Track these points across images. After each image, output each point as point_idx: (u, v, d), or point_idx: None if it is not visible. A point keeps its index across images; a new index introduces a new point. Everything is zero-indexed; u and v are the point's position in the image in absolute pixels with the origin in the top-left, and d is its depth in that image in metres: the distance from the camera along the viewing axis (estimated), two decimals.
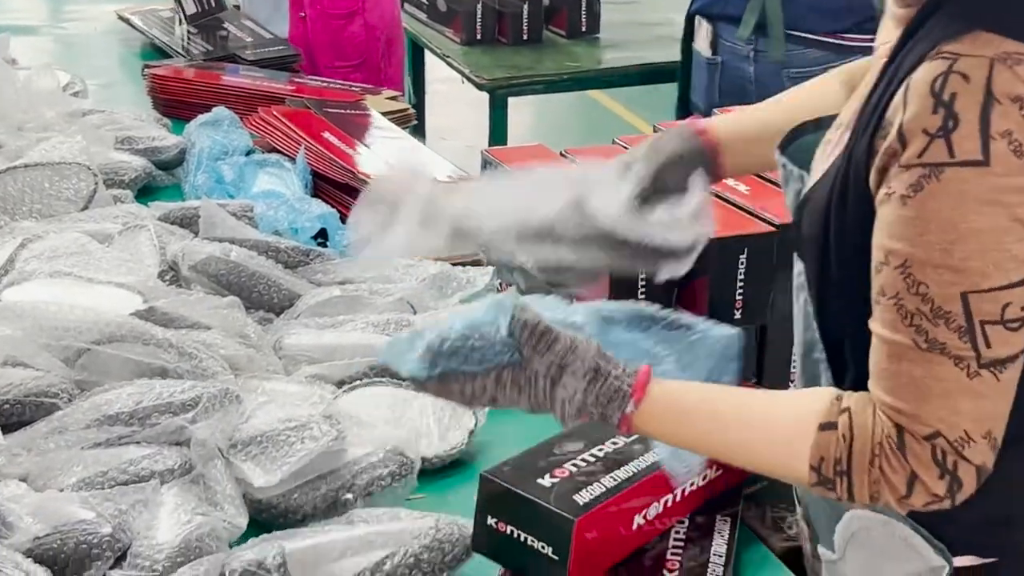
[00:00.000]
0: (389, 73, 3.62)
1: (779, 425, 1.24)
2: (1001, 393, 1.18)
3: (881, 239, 1.18)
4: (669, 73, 4.42)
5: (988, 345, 1.15)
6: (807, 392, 1.29)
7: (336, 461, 1.56)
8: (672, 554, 1.45)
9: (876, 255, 1.19)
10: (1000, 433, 1.19)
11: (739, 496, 1.59)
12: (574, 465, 1.43)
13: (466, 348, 1.28)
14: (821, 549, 1.43)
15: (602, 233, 1.46)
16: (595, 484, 1.40)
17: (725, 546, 1.47)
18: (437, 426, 1.72)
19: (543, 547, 1.35)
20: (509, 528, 1.37)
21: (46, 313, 1.71)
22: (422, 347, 1.29)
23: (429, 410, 1.74)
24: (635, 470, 1.44)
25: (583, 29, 4.41)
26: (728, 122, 1.57)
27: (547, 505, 1.35)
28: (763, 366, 1.84)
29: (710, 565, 1.43)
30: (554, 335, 1.28)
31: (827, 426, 1.21)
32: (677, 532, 1.49)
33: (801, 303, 1.35)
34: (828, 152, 1.33)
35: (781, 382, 1.81)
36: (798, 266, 1.36)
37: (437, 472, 1.68)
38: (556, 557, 1.34)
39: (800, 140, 1.42)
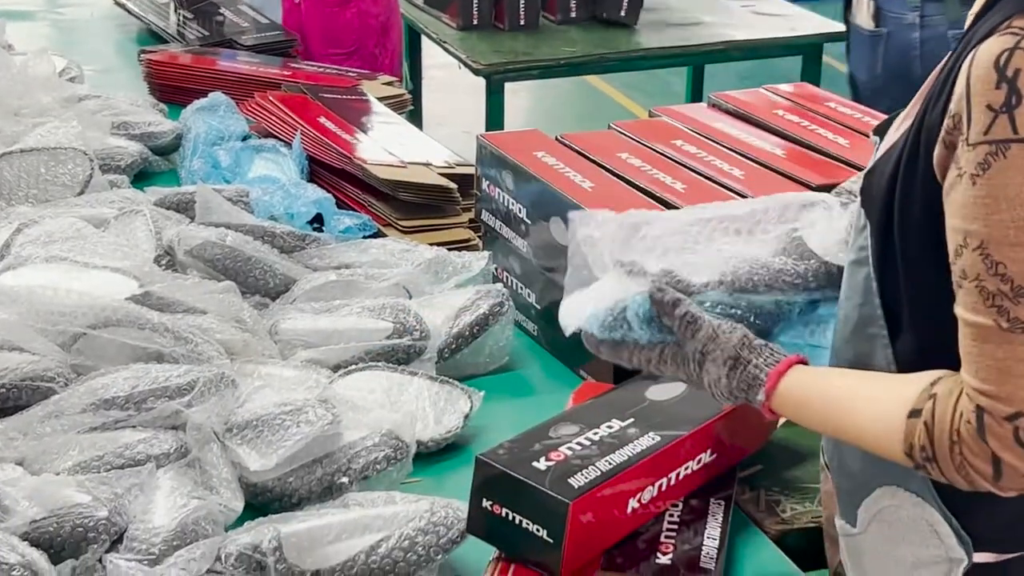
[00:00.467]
0: (384, 60, 3.62)
1: (881, 412, 1.25)
2: None
3: (956, 221, 1.18)
4: (667, 58, 4.44)
5: None
6: (909, 378, 1.28)
7: (331, 445, 1.56)
8: (666, 537, 1.45)
9: (955, 238, 1.18)
10: None
11: (733, 480, 1.59)
12: (569, 448, 1.43)
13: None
14: (839, 522, 1.44)
15: (822, 270, 1.49)
16: (590, 467, 1.40)
17: (719, 529, 1.47)
18: (432, 410, 1.73)
19: (538, 530, 1.36)
20: (504, 511, 1.38)
21: (42, 298, 1.72)
22: (602, 312, 1.41)
23: (424, 394, 1.74)
24: (630, 454, 1.45)
25: (572, 16, 4.41)
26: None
27: (542, 488, 1.36)
28: None
29: (704, 548, 1.44)
30: (697, 322, 1.37)
31: (914, 413, 1.21)
32: (671, 515, 1.49)
33: (860, 278, 1.33)
34: (899, 123, 1.33)
35: None
36: (860, 239, 1.34)
37: (432, 456, 1.69)
38: (551, 540, 1.35)
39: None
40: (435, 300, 1.92)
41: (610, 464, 1.42)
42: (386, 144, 2.46)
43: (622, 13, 4.35)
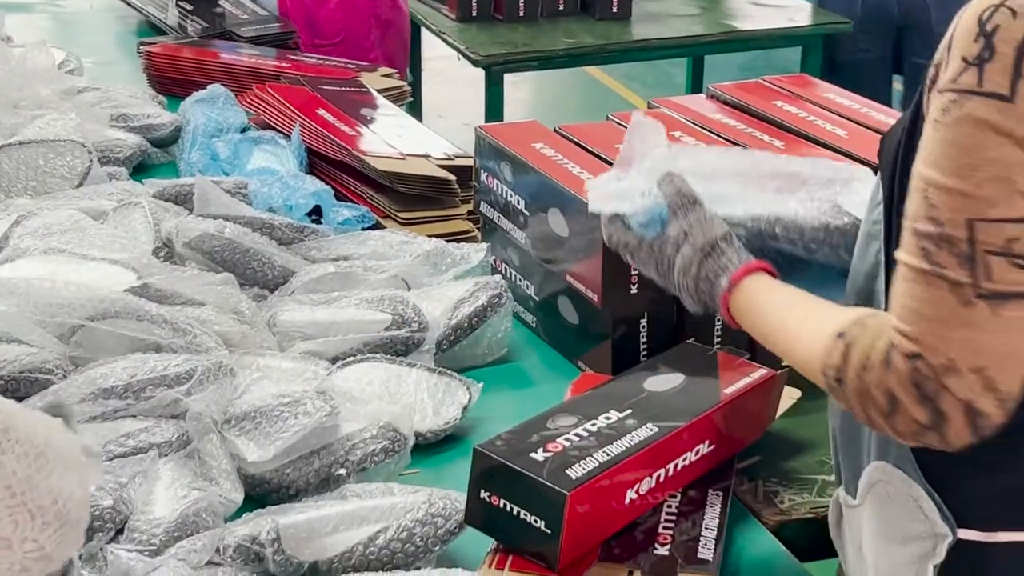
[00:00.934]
0: (377, 55, 3.59)
1: (812, 328, 1.28)
2: (1001, 329, 1.15)
3: (916, 164, 1.19)
4: (666, 49, 4.44)
5: (989, 277, 1.14)
6: (853, 308, 1.30)
7: (329, 437, 1.56)
8: (664, 528, 1.45)
9: (911, 181, 1.20)
10: (1003, 376, 1.16)
11: (732, 470, 1.59)
12: (567, 440, 1.43)
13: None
14: (843, 494, 1.44)
15: (848, 229, 1.51)
16: (588, 459, 1.40)
17: (717, 520, 1.47)
18: (431, 401, 1.73)
19: (535, 520, 1.36)
20: (502, 502, 1.38)
21: (40, 290, 1.72)
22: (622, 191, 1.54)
23: (423, 385, 1.74)
24: (628, 445, 1.44)
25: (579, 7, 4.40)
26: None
27: (540, 479, 1.36)
28: None
29: (702, 539, 1.44)
30: (697, 203, 1.45)
31: (840, 335, 1.23)
32: (669, 506, 1.49)
33: (872, 251, 1.34)
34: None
35: None
36: (875, 213, 1.34)
37: (431, 447, 1.69)
38: (548, 531, 1.35)
39: None
40: (433, 292, 1.92)
41: (608, 455, 1.42)
42: (385, 136, 2.46)
43: (614, 10, 4.35)
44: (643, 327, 1.84)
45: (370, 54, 3.54)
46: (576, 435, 1.44)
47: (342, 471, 1.54)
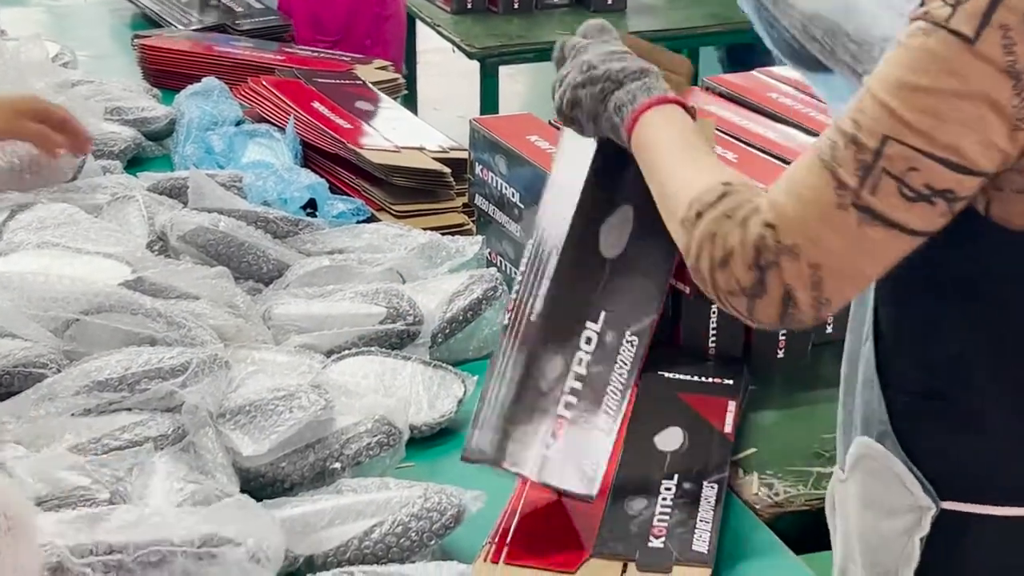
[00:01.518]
0: (375, 51, 3.58)
1: (703, 172, 1.30)
2: (855, 243, 1.18)
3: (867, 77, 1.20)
4: (660, 41, 4.43)
5: (873, 192, 1.16)
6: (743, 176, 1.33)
7: (324, 430, 1.56)
8: (659, 521, 1.45)
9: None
10: (832, 284, 1.19)
11: (727, 462, 1.59)
12: (566, 407, 1.47)
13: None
14: (836, 469, 1.45)
15: None
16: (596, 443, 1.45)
17: (712, 512, 1.47)
18: (426, 394, 1.72)
19: None
20: None
21: (34, 284, 1.71)
22: None
23: (418, 379, 1.74)
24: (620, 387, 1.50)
25: None
26: None
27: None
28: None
29: (696, 531, 1.44)
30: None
31: (726, 184, 1.25)
32: (664, 499, 1.49)
33: None
34: None
35: None
36: None
37: (426, 440, 1.69)
38: None
39: None
40: (428, 285, 1.92)
41: (609, 414, 1.46)
42: (380, 129, 2.46)
43: (609, 1, 4.34)
44: None
45: (371, 51, 3.54)
46: (571, 394, 1.48)
47: (337, 465, 1.54)
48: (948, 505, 1.32)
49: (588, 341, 1.50)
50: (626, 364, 1.48)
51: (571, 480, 1.46)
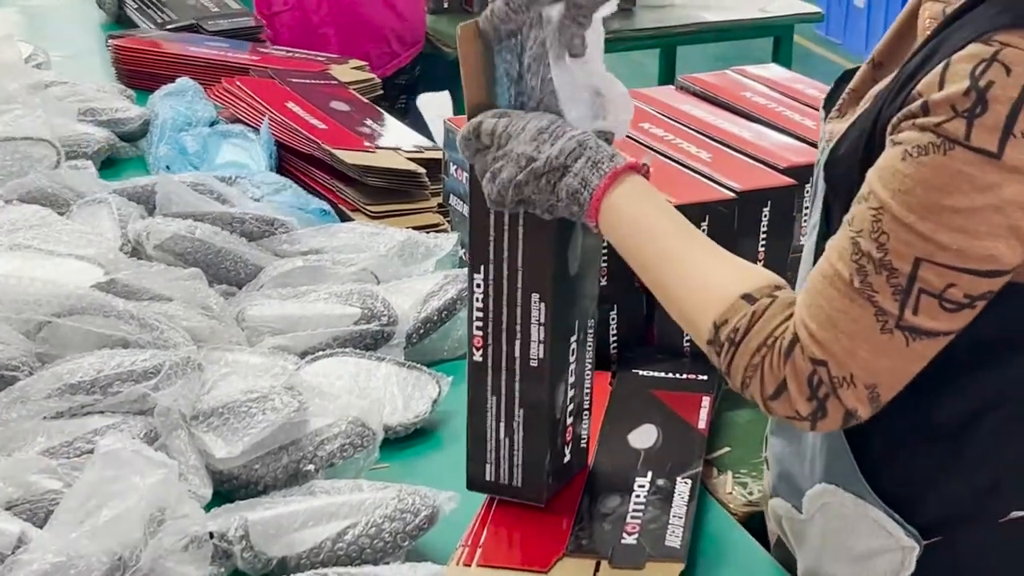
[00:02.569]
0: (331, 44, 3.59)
1: (712, 276, 1.26)
2: (906, 359, 1.19)
3: (873, 177, 1.19)
4: (638, 40, 4.43)
5: (915, 312, 1.16)
6: (757, 269, 1.29)
7: (297, 432, 1.56)
8: (632, 517, 1.45)
9: (863, 187, 1.20)
10: (887, 393, 1.20)
11: (700, 458, 1.59)
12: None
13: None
14: (783, 503, 1.45)
15: None
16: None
17: (685, 507, 1.47)
18: (400, 395, 1.72)
19: None
20: None
21: (6, 286, 1.70)
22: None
23: (392, 379, 1.74)
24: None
25: None
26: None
27: None
28: None
29: (669, 527, 1.44)
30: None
31: (749, 298, 1.23)
32: (637, 496, 1.49)
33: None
34: (843, 110, 1.35)
35: None
36: (812, 237, 1.35)
37: (400, 441, 1.68)
38: None
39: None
40: (403, 285, 1.92)
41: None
42: (355, 129, 2.45)
43: None
44: (612, 318, 1.84)
45: (327, 42, 3.56)
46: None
47: (311, 467, 1.53)
48: (933, 540, 1.32)
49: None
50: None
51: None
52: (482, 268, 1.42)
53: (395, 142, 2.43)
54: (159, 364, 1.59)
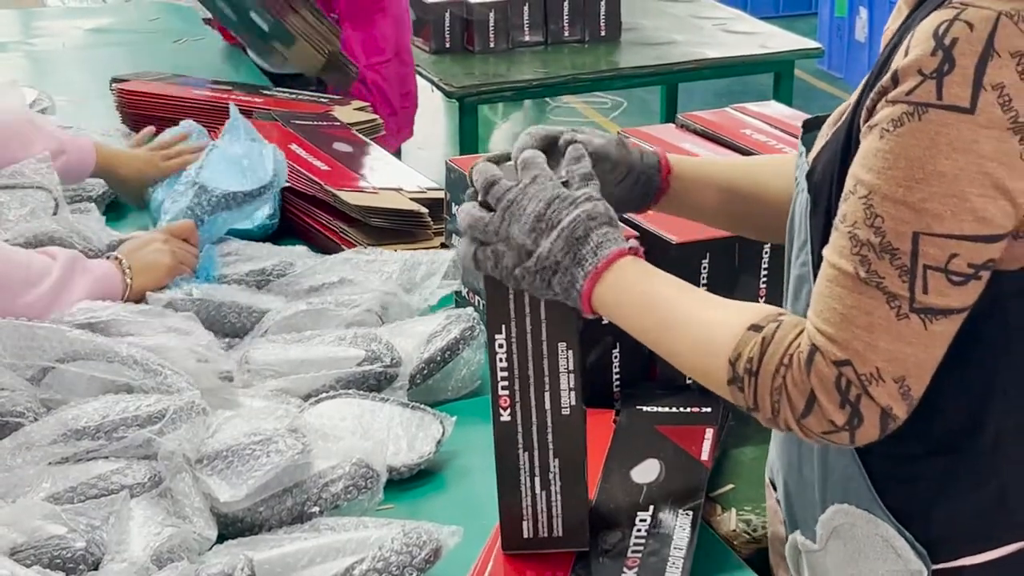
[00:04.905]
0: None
1: (717, 317, 1.27)
2: (927, 343, 1.18)
3: (855, 168, 1.20)
4: (639, 78, 4.45)
5: (925, 291, 1.16)
6: (755, 304, 1.29)
7: (302, 474, 1.56)
8: (633, 552, 1.45)
9: (847, 184, 1.20)
10: (918, 385, 1.19)
11: (702, 491, 1.58)
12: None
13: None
14: (800, 538, 1.44)
15: None
16: None
17: (686, 540, 1.47)
18: (405, 436, 1.72)
19: None
20: None
21: (9, 331, 1.71)
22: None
23: (396, 420, 1.74)
24: None
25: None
26: (689, 160, 1.57)
27: None
28: None
29: (670, 559, 1.43)
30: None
31: (755, 327, 1.23)
32: (639, 530, 1.49)
33: (803, 294, 1.33)
34: (830, 125, 1.36)
35: None
36: (802, 255, 1.35)
37: (405, 482, 1.68)
38: None
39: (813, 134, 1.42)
40: (405, 327, 1.92)
41: None
42: (357, 170, 2.47)
43: (602, 33, 4.39)
44: (615, 356, 1.84)
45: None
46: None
47: (315, 509, 1.54)
48: (940, 565, 1.32)
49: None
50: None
51: None
52: (503, 328, 1.42)
53: (397, 182, 2.44)
54: (163, 409, 1.60)
